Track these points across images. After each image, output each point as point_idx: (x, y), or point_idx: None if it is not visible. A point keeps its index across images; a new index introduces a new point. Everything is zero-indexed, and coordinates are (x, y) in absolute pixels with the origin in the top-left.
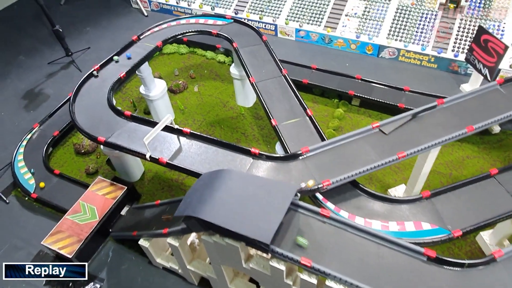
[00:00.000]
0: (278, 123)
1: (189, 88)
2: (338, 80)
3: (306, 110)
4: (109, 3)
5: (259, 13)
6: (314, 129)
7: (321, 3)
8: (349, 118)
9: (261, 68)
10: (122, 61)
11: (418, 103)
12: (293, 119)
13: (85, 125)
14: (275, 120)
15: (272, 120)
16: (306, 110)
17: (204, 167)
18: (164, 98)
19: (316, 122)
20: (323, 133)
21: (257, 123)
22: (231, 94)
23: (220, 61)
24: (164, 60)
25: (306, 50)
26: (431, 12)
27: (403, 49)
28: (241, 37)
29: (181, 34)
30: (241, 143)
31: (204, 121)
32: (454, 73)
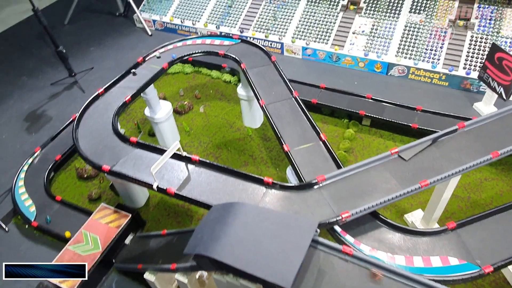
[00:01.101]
0: (290, 148)
1: (195, 108)
2: (348, 100)
3: (320, 134)
4: (113, 22)
5: (264, 31)
6: (328, 154)
7: (327, 20)
8: (360, 139)
9: (270, 90)
10: (139, 75)
11: (431, 123)
12: (306, 144)
13: (89, 152)
14: (287, 146)
15: (284, 146)
16: (320, 135)
17: (214, 198)
18: (170, 120)
19: (331, 147)
20: (339, 159)
21: (265, 144)
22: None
23: (226, 80)
24: (168, 80)
25: (313, 69)
26: (441, 29)
27: (413, 67)
28: (249, 58)
29: (188, 55)
30: (248, 166)
31: (211, 143)
32: (466, 91)
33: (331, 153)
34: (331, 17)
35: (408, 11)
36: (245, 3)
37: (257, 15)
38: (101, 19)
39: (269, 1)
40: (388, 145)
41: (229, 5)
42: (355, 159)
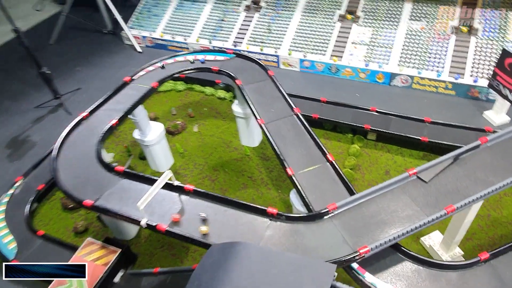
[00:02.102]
0: (295, 172)
1: (188, 128)
2: (351, 113)
3: (326, 154)
4: (101, 40)
5: (259, 44)
6: (337, 177)
7: (324, 31)
8: (366, 155)
9: (269, 107)
10: (125, 96)
11: (443, 135)
12: (312, 166)
13: (70, 185)
14: (291, 169)
15: (288, 170)
16: (326, 155)
17: (212, 234)
18: (162, 142)
19: (340, 169)
20: (350, 183)
21: (265, 164)
22: (234, 133)
23: (221, 97)
24: (160, 99)
25: (312, 82)
26: (443, 36)
27: (416, 76)
28: (245, 73)
29: (179, 73)
30: (248, 189)
31: (206, 164)
32: (475, 99)
33: (340, 176)
34: (328, 28)
35: (408, 19)
36: (238, 16)
37: (250, 28)
38: (89, 37)
39: (262, 13)
40: (397, 161)
41: (222, 18)
42: (362, 176)
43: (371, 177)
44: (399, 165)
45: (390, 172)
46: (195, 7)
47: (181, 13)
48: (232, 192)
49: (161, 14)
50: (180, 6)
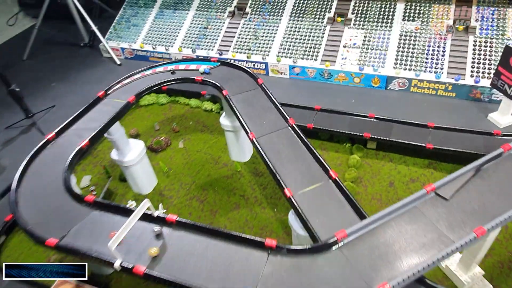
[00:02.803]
0: (294, 192)
1: (173, 144)
2: (349, 121)
3: (329, 171)
4: (77, 54)
5: (246, 51)
6: (342, 197)
7: (314, 35)
8: (367, 166)
9: (260, 119)
10: (101, 115)
11: (449, 141)
12: (312, 185)
13: (32, 221)
14: (289, 190)
15: (286, 190)
16: (329, 171)
17: (200, 277)
18: (143, 161)
19: (345, 187)
20: (358, 204)
21: (258, 181)
22: (223, 147)
23: (207, 109)
24: (141, 114)
25: (303, 89)
26: (440, 35)
27: (414, 79)
28: (232, 82)
29: (159, 85)
30: (240, 209)
31: (194, 184)
32: (477, 101)
33: (346, 195)
34: (318, 31)
35: (401, 19)
36: (222, 23)
37: (236, 35)
38: (64, 51)
39: (248, 19)
40: (401, 170)
41: (205, 26)
42: (365, 190)
43: (374, 190)
44: (403, 176)
45: (394, 183)
46: (177, 16)
47: (162, 22)
48: (223, 214)
49: (141, 24)
50: (161, 15)
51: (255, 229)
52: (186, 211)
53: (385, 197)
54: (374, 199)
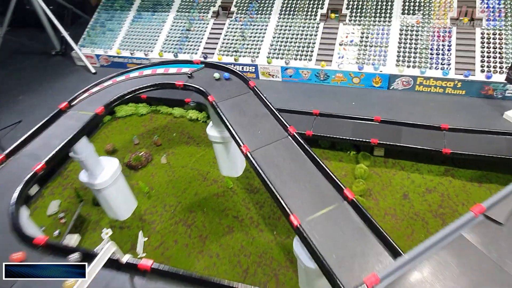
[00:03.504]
0: (302, 219)
1: (155, 159)
2: (352, 126)
3: (343, 190)
4: (48, 63)
5: (233, 54)
6: (362, 222)
7: (307, 33)
8: (376, 176)
9: (254, 128)
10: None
11: (467, 145)
12: (324, 209)
13: None
14: (296, 217)
15: (292, 217)
16: (343, 191)
17: None
18: (118, 182)
19: (365, 209)
20: (385, 232)
21: (253, 198)
22: (211, 161)
23: (192, 118)
24: (118, 126)
25: (298, 92)
26: (443, 29)
27: (420, 77)
28: (219, 87)
29: (132, 93)
30: (234, 233)
31: (180, 205)
32: (489, 98)
33: (367, 220)
34: (310, 29)
35: (401, 13)
36: (206, 24)
37: (221, 37)
38: (34, 60)
39: (233, 19)
40: (415, 180)
41: (187, 28)
42: (376, 204)
43: (387, 204)
44: (418, 185)
45: (409, 195)
46: (156, 18)
47: (140, 25)
48: (214, 239)
49: (117, 28)
50: (138, 18)
51: (253, 257)
52: (170, 238)
53: (400, 211)
54: (387, 214)
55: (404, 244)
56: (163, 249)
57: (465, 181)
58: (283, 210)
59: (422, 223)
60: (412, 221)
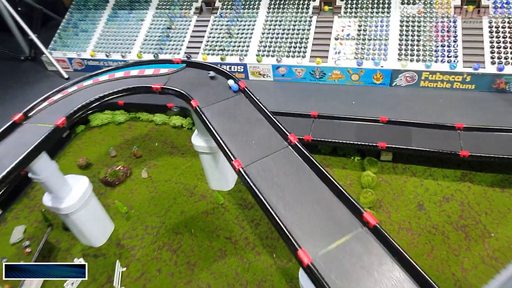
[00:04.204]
0: (313, 254)
1: (135, 174)
2: (355, 128)
3: (362, 213)
4: (17, 69)
5: (219, 53)
6: (389, 254)
7: (299, 28)
8: (385, 184)
9: (247, 138)
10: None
11: (486, 145)
12: (340, 238)
13: None
14: (306, 253)
15: (301, 252)
16: (362, 214)
17: None
18: (90, 204)
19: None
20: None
21: (247, 215)
22: (199, 174)
23: (176, 125)
24: (93, 137)
25: (292, 92)
26: (447, 19)
27: (425, 71)
28: (204, 89)
29: (100, 100)
30: (227, 257)
31: (163, 226)
32: (501, 92)
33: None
34: (303, 24)
35: (400, 3)
36: (188, 21)
37: (206, 34)
38: (1, 67)
39: (218, 15)
40: (429, 187)
41: (168, 26)
42: (388, 217)
43: (400, 217)
44: (433, 193)
45: (424, 205)
46: (134, 16)
47: (116, 25)
48: (204, 266)
49: (91, 29)
50: (114, 17)
51: (250, 286)
52: (153, 267)
53: (415, 225)
54: (402, 228)
55: (424, 263)
56: (144, 281)
57: (486, 187)
58: (289, 243)
59: (443, 238)
60: (431, 236)
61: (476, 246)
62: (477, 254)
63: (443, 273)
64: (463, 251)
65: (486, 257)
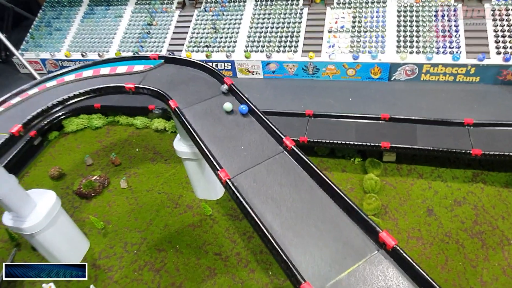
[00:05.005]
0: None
1: (113, 184)
2: (354, 128)
3: (377, 232)
4: None
5: (204, 49)
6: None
7: (289, 21)
8: (390, 188)
9: (236, 143)
10: None
11: (499, 142)
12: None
13: None
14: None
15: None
16: (378, 234)
17: None
18: (59, 222)
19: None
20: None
21: (239, 227)
22: (184, 182)
23: (159, 128)
24: (68, 144)
25: (284, 91)
26: (448, 7)
27: (426, 64)
28: (184, 87)
29: (63, 103)
30: (217, 277)
31: (145, 243)
32: (508, 84)
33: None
34: (293, 16)
35: None
36: (170, 16)
37: (189, 30)
38: None
39: (202, 9)
40: (438, 190)
41: (149, 22)
42: (395, 224)
43: (408, 224)
44: (443, 197)
45: (434, 210)
46: (111, 13)
47: (92, 22)
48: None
49: (65, 27)
50: (90, 14)
51: None
52: None
53: (426, 233)
54: (411, 238)
55: (439, 277)
56: None
57: (500, 187)
58: (290, 274)
59: (457, 247)
60: (444, 245)
61: (494, 255)
62: (496, 265)
63: None
64: (481, 262)
65: (507, 267)
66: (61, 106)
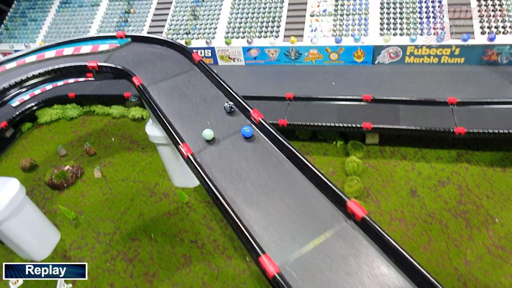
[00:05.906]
0: (281, 262)
1: (87, 174)
2: (336, 110)
3: (345, 202)
4: None
5: (184, 36)
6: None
7: (271, 6)
8: (373, 170)
9: (202, 119)
10: None
11: (483, 120)
12: (317, 237)
13: None
14: (270, 259)
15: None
16: (345, 204)
17: None
18: (24, 211)
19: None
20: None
21: (216, 214)
22: (161, 170)
23: (136, 117)
24: (41, 135)
25: (265, 77)
26: None
27: (410, 45)
28: (150, 65)
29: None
30: (193, 265)
31: (118, 232)
32: (492, 64)
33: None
34: (275, 0)
35: None
36: (148, 3)
37: (168, 17)
38: None
39: None
40: (421, 171)
41: (126, 10)
42: (378, 206)
43: (391, 206)
44: (427, 178)
45: (417, 191)
46: (87, 1)
47: (69, 12)
48: (165, 277)
49: (41, 17)
50: (66, 3)
51: None
52: (105, 281)
53: (409, 214)
54: (394, 219)
55: (422, 258)
56: None
57: (485, 167)
58: (249, 247)
59: (441, 227)
60: (427, 226)
61: (479, 234)
62: (481, 244)
63: (444, 268)
64: (465, 241)
65: (491, 246)
66: (15, 88)
